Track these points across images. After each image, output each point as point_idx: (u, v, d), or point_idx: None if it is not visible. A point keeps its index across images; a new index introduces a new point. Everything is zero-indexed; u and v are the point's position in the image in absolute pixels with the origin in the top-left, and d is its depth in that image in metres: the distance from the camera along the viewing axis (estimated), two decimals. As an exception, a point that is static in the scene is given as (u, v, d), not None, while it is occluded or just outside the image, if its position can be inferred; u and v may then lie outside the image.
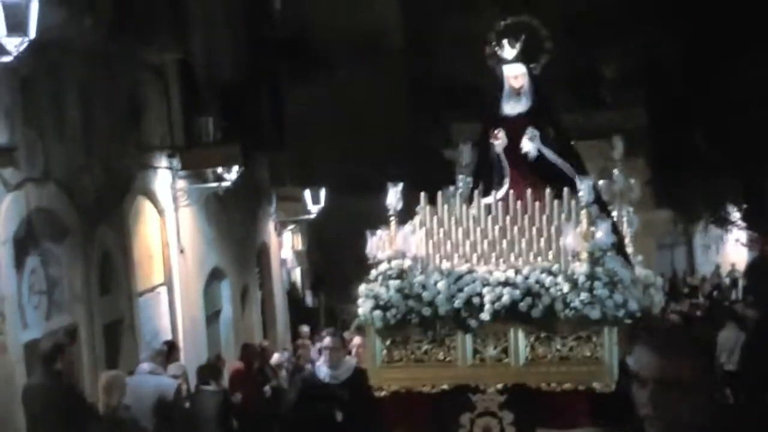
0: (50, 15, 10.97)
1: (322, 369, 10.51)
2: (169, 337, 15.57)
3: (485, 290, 9.37)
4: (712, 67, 19.54)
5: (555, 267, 9.38)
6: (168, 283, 16.43)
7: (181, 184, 16.94)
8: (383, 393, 9.69)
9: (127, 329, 14.39)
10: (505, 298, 9.29)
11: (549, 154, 10.61)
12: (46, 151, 12.34)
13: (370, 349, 9.90)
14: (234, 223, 19.59)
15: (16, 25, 10.12)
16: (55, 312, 12.71)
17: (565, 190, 9.99)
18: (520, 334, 9.43)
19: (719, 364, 16.45)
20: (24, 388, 10.01)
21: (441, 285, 9.45)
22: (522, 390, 9.44)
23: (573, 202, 9.84)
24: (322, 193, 22.77)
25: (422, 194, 10.18)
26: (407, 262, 9.65)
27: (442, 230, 9.95)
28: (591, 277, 9.15)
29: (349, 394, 10.21)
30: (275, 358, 15.64)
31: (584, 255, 9.25)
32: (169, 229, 16.50)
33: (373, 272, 9.71)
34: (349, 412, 10.16)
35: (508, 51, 10.76)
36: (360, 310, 9.75)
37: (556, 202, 9.97)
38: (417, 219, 10.08)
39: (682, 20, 20.23)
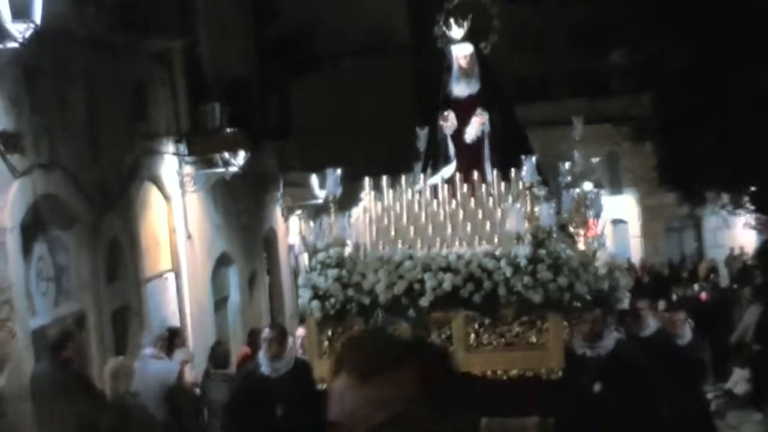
0: (56, 2, 10.95)
1: (264, 362, 9.98)
2: (177, 323, 15.57)
3: (426, 276, 9.15)
4: (722, 54, 19.49)
5: (498, 251, 9.16)
6: (175, 269, 16.43)
7: (188, 170, 16.92)
8: (326, 385, 9.47)
9: (135, 315, 14.39)
10: (446, 284, 9.09)
11: (487, 142, 10.46)
12: (53, 138, 12.32)
13: (311, 340, 9.64)
14: (241, 208, 19.58)
15: (21, 12, 10.11)
16: (62, 299, 12.71)
17: (513, 171, 9.81)
18: (464, 322, 9.22)
19: (746, 342, 16.43)
20: (32, 374, 10.03)
21: (381, 273, 9.22)
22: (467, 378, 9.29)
23: (520, 184, 9.64)
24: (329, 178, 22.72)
25: (366, 179, 9.97)
26: (347, 250, 9.43)
27: (386, 216, 9.74)
28: (533, 259, 8.95)
29: (290, 387, 9.71)
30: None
31: (527, 237, 9.06)
32: (176, 215, 16.48)
33: (312, 261, 9.51)
34: (289, 405, 9.65)
35: (456, 30, 10.62)
36: (299, 301, 9.57)
37: (503, 183, 9.80)
38: (361, 205, 9.91)
39: (690, 12, 20.17)
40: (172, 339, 13.01)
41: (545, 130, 26.74)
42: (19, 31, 10.17)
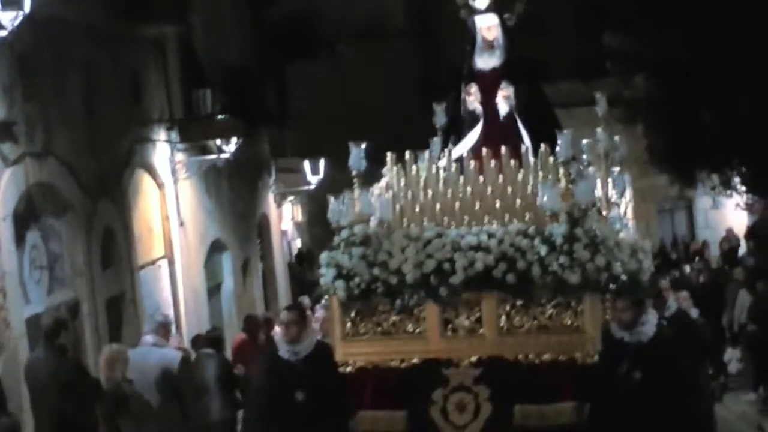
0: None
1: (282, 345, 9.46)
2: (170, 310, 15.58)
3: (456, 255, 8.75)
4: (716, 35, 19.50)
5: (531, 229, 8.76)
6: (169, 256, 16.43)
7: (180, 156, 16.92)
8: (349, 369, 9.08)
9: (129, 303, 14.40)
10: (478, 264, 8.70)
11: (519, 116, 10.11)
12: (46, 125, 12.31)
13: (334, 322, 9.20)
14: (234, 195, 19.58)
15: (11, 0, 10.08)
16: (56, 287, 12.72)
17: (543, 146, 9.45)
18: (495, 303, 8.81)
19: (742, 323, 16.46)
20: (26, 363, 10.02)
21: (409, 251, 8.82)
22: (498, 363, 8.83)
23: (551, 159, 9.28)
24: (322, 164, 22.72)
25: (389, 155, 9.63)
26: (372, 227, 9.02)
27: (410, 192, 9.37)
28: (570, 238, 8.55)
29: (311, 371, 9.16)
30: (277, 330, 15.63)
31: (563, 215, 8.64)
32: (168, 202, 16.48)
33: (336, 238, 9.10)
34: (310, 389, 9.10)
35: (479, 0, 10.30)
36: (322, 280, 9.13)
37: (532, 159, 9.43)
38: (384, 181, 9.57)
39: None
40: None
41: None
42: (9, 19, 10.15)
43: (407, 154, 9.62)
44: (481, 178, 9.37)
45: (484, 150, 9.66)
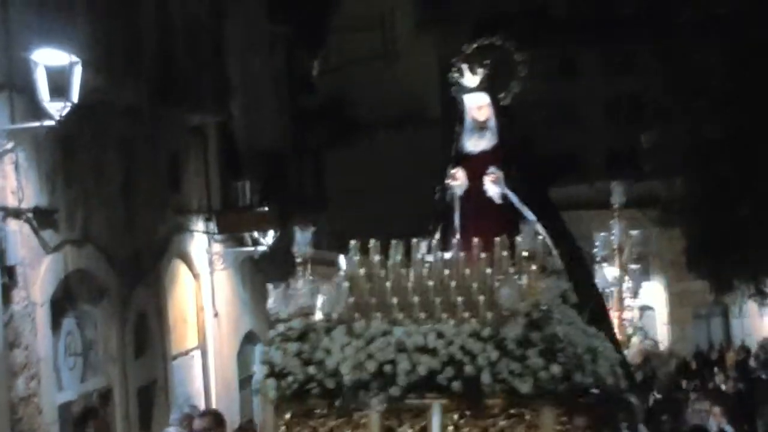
0: (93, 78, 11.09)
1: None
2: (202, 401, 15.51)
3: (399, 357, 7.85)
4: (755, 139, 19.51)
5: (486, 330, 7.82)
6: (202, 347, 16.40)
7: (217, 247, 16.97)
8: None
9: (161, 392, 14.36)
10: (422, 368, 7.79)
11: (514, 198, 9.24)
12: (86, 212, 12.40)
13: (266, 424, 8.34)
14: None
15: (58, 90, 10.24)
16: (90, 374, 12.70)
17: (517, 238, 8.50)
18: (441, 412, 7.87)
19: None
20: (57, 450, 10.00)
21: (349, 349, 7.97)
22: None
23: (523, 254, 8.30)
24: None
25: (352, 242, 8.86)
26: (315, 321, 8.28)
27: (368, 284, 8.50)
28: (524, 342, 7.71)
29: None
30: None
31: (520, 316, 7.77)
32: (204, 292, 16.50)
33: (271, 332, 8.41)
34: None
35: (469, 78, 9.44)
36: (254, 378, 8.46)
37: (504, 252, 8.50)
38: (342, 271, 8.79)
39: (724, 95, 20.24)
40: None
41: (572, 212, 26.50)
42: (56, 109, 10.31)
43: (372, 243, 8.74)
44: (446, 271, 8.45)
45: (454, 241, 8.88)
